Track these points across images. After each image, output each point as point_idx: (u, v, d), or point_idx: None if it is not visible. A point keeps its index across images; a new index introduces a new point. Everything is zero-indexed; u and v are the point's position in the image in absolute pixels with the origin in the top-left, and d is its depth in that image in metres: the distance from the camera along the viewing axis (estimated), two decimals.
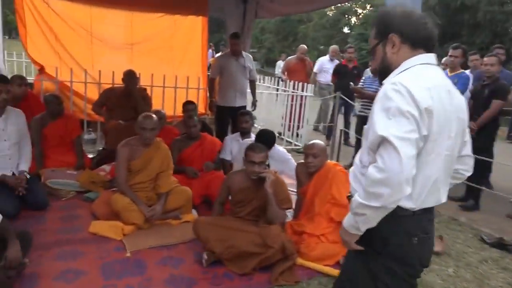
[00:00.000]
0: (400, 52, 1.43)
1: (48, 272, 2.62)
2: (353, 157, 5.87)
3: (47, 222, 3.37)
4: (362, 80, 5.89)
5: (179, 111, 5.78)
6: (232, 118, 5.24)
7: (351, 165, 2.09)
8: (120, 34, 6.05)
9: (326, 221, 3.17)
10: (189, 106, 5.07)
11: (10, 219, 3.17)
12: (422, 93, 1.30)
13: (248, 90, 5.53)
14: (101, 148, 5.45)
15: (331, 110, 7.44)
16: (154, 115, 3.51)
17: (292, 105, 7.33)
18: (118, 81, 5.18)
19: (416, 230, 1.45)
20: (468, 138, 1.59)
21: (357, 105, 6.09)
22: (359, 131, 5.76)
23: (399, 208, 1.37)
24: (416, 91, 1.29)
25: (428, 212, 1.48)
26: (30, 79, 5.35)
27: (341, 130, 6.52)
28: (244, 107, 5.32)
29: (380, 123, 1.30)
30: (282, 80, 8.49)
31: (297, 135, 7.47)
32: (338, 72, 7.35)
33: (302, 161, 3.49)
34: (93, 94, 5.47)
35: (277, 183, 3.04)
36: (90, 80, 5.51)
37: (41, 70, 5.51)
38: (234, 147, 4.41)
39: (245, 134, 4.39)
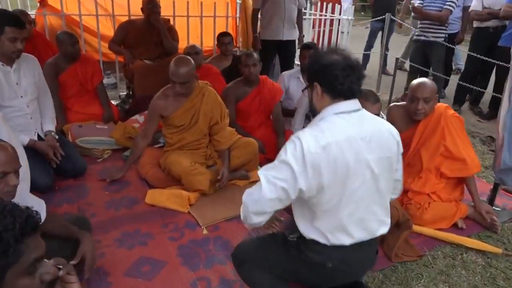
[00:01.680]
0: (322, 100, 1.52)
1: (116, 264, 2.08)
2: (391, 88, 5.27)
3: (90, 194, 2.76)
4: None
5: (206, 44, 4.98)
6: (279, 54, 4.44)
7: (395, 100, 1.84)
8: None
9: (435, 176, 2.61)
10: (225, 38, 4.27)
11: (46, 194, 2.61)
12: (315, 149, 1.40)
13: None
14: (124, 94, 4.72)
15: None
16: (189, 59, 2.72)
17: (319, 31, 6.39)
18: (136, 12, 4.30)
19: (330, 259, 1.55)
20: (399, 166, 1.72)
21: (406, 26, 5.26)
22: (416, 58, 5.03)
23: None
24: (309, 147, 1.40)
25: (347, 248, 1.54)
26: (32, 13, 4.42)
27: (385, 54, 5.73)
28: (293, 41, 4.52)
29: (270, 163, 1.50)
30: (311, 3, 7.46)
31: None
32: None
33: (397, 103, 2.84)
34: (107, 29, 4.62)
35: None
36: (101, 12, 4.60)
37: (43, 1, 4.56)
38: (291, 85, 3.71)
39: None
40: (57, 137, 2.92)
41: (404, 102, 2.73)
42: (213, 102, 2.85)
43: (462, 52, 6.10)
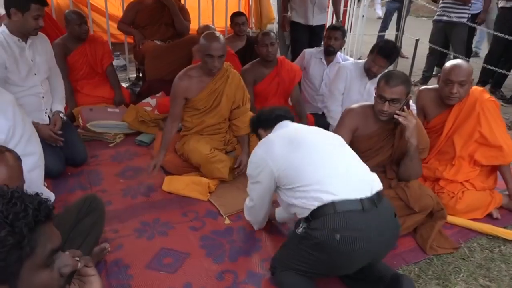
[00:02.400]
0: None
1: (136, 256, 1.96)
2: (410, 72, 5.08)
3: (104, 181, 2.64)
4: None
5: (217, 25, 4.78)
6: (308, 39, 4.20)
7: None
8: None
9: (469, 164, 2.47)
10: (239, 18, 4.08)
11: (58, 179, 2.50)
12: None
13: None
14: (134, 77, 4.56)
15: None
16: (220, 34, 2.58)
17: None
18: None
19: (334, 230, 1.53)
20: None
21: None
22: (438, 40, 4.83)
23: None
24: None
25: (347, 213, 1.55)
26: None
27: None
28: (322, 26, 4.29)
29: None
30: None
31: None
32: None
33: (426, 86, 2.68)
34: (116, 9, 4.43)
35: (418, 129, 2.24)
36: None
37: None
38: (312, 65, 3.52)
39: (330, 54, 3.47)
40: (65, 118, 2.78)
41: (436, 85, 2.57)
42: (237, 85, 2.71)
43: (484, 33, 5.87)
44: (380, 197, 1.63)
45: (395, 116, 2.06)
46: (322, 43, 3.64)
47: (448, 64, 2.42)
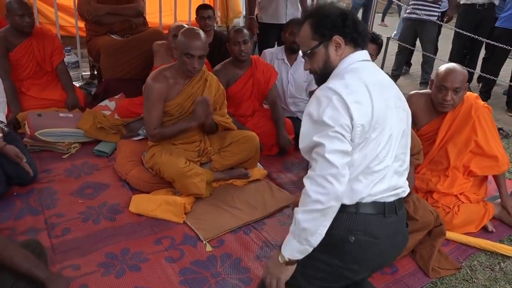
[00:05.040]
0: (343, 54, 1.40)
1: None
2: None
3: (60, 202, 2.25)
4: None
5: (180, 18, 4.42)
6: (278, 40, 3.83)
7: None
8: None
9: (463, 175, 2.33)
10: (205, 11, 3.75)
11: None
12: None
13: None
14: (88, 75, 4.10)
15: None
16: (201, 32, 2.29)
17: None
18: None
19: (351, 232, 1.33)
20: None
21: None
22: (407, 38, 4.75)
23: None
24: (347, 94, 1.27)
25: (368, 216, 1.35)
26: None
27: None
28: None
29: None
30: None
31: None
32: None
33: (417, 91, 2.52)
34: None
35: None
36: None
37: None
38: (275, 67, 3.19)
39: (294, 52, 3.15)
40: (6, 130, 2.29)
41: (427, 90, 2.42)
42: (217, 89, 2.47)
43: (449, 31, 5.90)
44: (401, 203, 1.44)
45: None
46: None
47: (442, 68, 2.25)
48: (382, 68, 4.80)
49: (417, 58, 5.44)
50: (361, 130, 1.26)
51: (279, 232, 2.13)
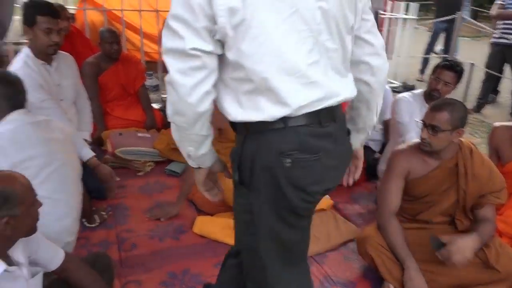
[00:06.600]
0: None
1: None
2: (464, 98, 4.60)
3: (131, 218, 2.38)
4: None
5: None
6: None
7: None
8: None
9: None
10: None
11: None
12: None
13: None
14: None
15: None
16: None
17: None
18: None
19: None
20: None
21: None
22: (495, 65, 4.41)
23: None
24: None
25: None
26: (70, 8, 4.13)
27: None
28: None
29: None
30: None
31: None
32: None
33: (503, 123, 2.30)
34: (150, 26, 4.25)
35: (489, 169, 1.88)
36: (145, 7, 4.25)
37: None
38: None
39: None
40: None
41: None
42: None
43: None
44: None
45: (436, 253, 1.71)
46: None
47: None
48: (465, 96, 4.50)
49: (506, 86, 5.02)
50: None
51: (341, 267, 2.03)
